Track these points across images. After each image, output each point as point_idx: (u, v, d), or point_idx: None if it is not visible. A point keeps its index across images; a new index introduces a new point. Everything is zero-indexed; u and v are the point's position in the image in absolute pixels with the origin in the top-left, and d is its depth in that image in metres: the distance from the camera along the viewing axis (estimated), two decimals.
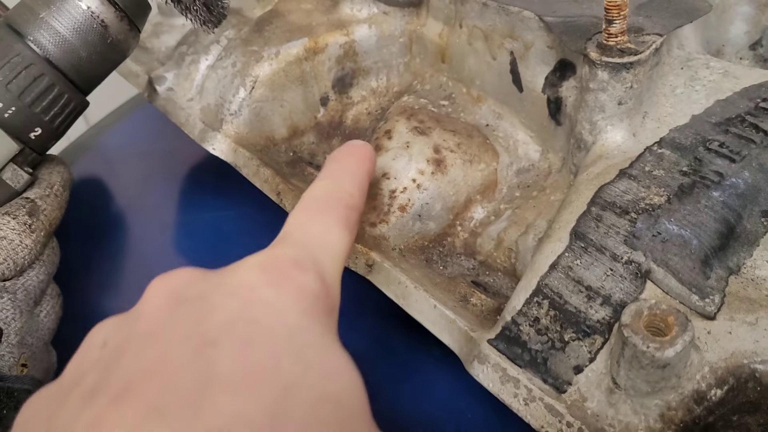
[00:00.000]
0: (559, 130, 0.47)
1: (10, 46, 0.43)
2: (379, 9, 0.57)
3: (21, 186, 0.45)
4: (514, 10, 0.46)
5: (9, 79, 0.42)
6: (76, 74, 0.45)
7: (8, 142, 0.43)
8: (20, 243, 0.43)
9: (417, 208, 0.47)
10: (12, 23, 0.44)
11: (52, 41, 0.43)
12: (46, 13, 0.43)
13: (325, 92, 0.58)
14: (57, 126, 0.45)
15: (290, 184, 0.50)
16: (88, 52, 0.45)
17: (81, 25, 0.44)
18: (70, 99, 0.45)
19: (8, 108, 0.42)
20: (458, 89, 0.54)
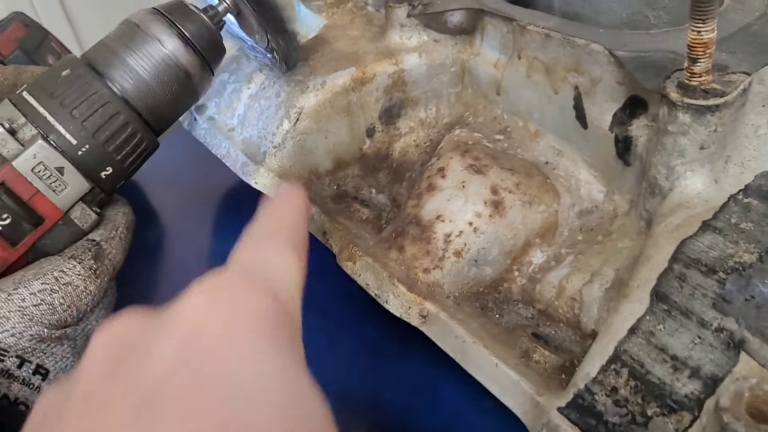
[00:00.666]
0: (627, 171, 0.44)
1: (89, 83, 0.42)
2: (430, 37, 0.54)
3: (88, 226, 0.44)
4: (581, 42, 0.43)
5: (86, 116, 0.41)
6: (150, 115, 0.45)
7: (80, 180, 0.42)
8: (84, 289, 0.41)
9: (473, 253, 0.44)
10: (92, 62, 0.43)
11: (130, 81, 0.43)
12: (126, 53, 0.43)
13: (372, 123, 0.55)
14: (127, 166, 0.44)
15: (337, 223, 0.47)
16: (164, 93, 0.44)
17: (160, 66, 0.44)
18: (142, 139, 0.44)
19: (83, 146, 0.42)
20: (514, 123, 0.51)
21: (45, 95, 0.42)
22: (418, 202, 0.46)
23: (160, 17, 0.45)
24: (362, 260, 0.43)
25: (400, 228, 0.45)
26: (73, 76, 0.42)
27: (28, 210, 0.41)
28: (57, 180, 0.41)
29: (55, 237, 0.43)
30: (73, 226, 0.43)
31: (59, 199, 0.42)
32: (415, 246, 0.44)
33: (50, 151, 0.41)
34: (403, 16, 0.53)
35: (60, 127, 0.41)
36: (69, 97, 0.42)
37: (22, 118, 0.41)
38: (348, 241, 0.45)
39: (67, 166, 0.41)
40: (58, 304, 0.40)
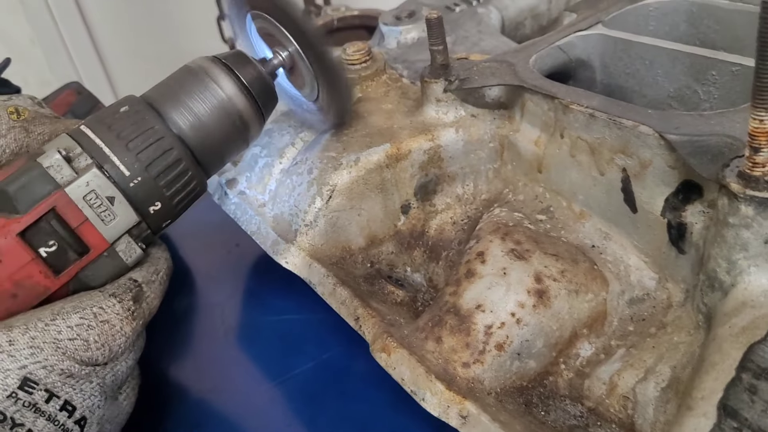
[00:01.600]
0: (681, 259, 0.41)
1: (146, 119, 0.43)
2: (467, 111, 0.52)
3: (132, 261, 0.44)
4: (629, 124, 0.40)
5: (140, 149, 0.42)
6: (202, 154, 0.45)
7: (129, 212, 0.42)
8: (120, 329, 0.41)
9: (516, 345, 0.41)
10: (150, 100, 0.44)
11: (186, 121, 0.44)
12: (184, 94, 0.45)
13: (407, 199, 0.53)
14: (176, 204, 0.45)
15: (370, 309, 0.45)
16: (219, 136, 0.46)
17: (216, 108, 0.45)
18: (192, 177, 0.45)
19: (135, 177, 0.42)
20: (557, 203, 0.48)
21: (102, 128, 0.42)
22: (456, 289, 0.43)
23: (219, 63, 0.46)
24: (397, 352, 0.41)
25: (438, 317, 0.43)
26: (132, 112, 0.43)
27: (76, 238, 0.41)
28: (107, 210, 0.41)
29: (98, 269, 0.42)
30: (118, 260, 0.43)
31: (107, 229, 0.42)
32: (454, 337, 0.41)
33: (103, 180, 0.41)
34: (440, 91, 0.52)
35: (114, 157, 0.41)
36: (125, 130, 0.42)
37: (78, 148, 0.41)
38: (382, 330, 0.43)
39: (118, 196, 0.42)
40: (93, 341, 0.39)
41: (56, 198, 0.40)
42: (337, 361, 0.54)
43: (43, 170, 0.40)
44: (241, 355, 0.57)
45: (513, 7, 0.70)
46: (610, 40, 0.53)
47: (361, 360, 0.52)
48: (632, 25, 0.56)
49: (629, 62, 0.53)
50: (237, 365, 0.56)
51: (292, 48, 0.49)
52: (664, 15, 0.57)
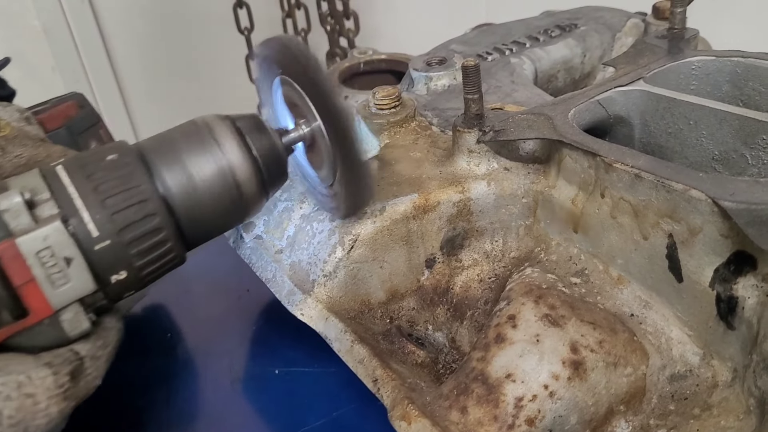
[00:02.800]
0: (730, 335, 0.38)
1: (133, 174, 0.38)
2: (500, 164, 0.50)
3: (75, 334, 0.37)
4: (679, 187, 0.38)
5: (118, 208, 0.37)
6: (188, 225, 0.40)
7: (86, 278, 0.36)
8: (45, 408, 0.34)
9: (548, 421, 0.37)
10: (144, 151, 0.40)
11: (178, 182, 0.39)
12: (183, 150, 0.40)
13: (432, 253, 0.50)
14: (144, 276, 0.39)
15: (389, 370, 0.42)
16: (211, 206, 0.40)
17: (215, 175, 0.40)
18: (171, 250, 0.39)
19: (103, 240, 0.36)
20: (593, 265, 0.45)
21: (80, 175, 0.37)
22: (484, 355, 0.40)
23: (229, 125, 0.41)
24: (419, 422, 0.38)
25: (464, 384, 0.39)
26: (119, 163, 0.38)
27: (14, 298, 0.35)
28: (60, 272, 0.35)
29: (33, 337, 0.36)
30: (59, 331, 0.37)
31: (55, 294, 0.36)
32: (481, 408, 0.38)
33: (65, 237, 0.35)
34: (473, 141, 0.49)
35: (85, 213, 0.36)
36: (107, 183, 0.37)
37: (47, 193, 0.36)
38: (403, 396, 0.39)
39: (77, 258, 0.36)
40: (7, 416, 0.33)
41: (4, 247, 0.34)
42: (348, 420, 0.51)
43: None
44: (247, 408, 0.54)
45: (547, 59, 0.68)
46: (652, 96, 0.50)
47: (373, 420, 0.49)
48: (673, 82, 0.54)
49: (672, 121, 0.50)
50: (242, 418, 0.53)
51: (316, 124, 0.43)
52: (707, 75, 0.55)
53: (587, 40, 0.72)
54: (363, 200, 0.46)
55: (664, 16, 0.67)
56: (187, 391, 0.57)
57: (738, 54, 0.53)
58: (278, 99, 0.47)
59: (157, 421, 0.53)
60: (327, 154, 0.44)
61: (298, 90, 0.43)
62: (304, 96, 0.43)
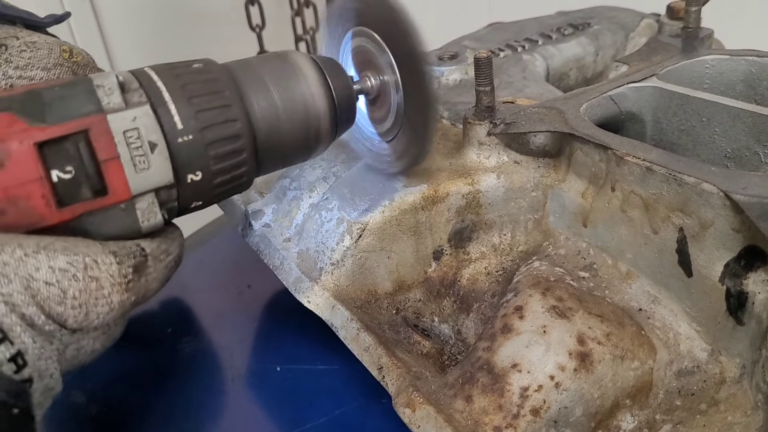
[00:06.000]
0: (739, 331, 0.38)
1: (219, 80, 0.38)
2: (510, 157, 0.50)
3: (147, 227, 0.37)
4: (690, 181, 0.38)
5: (202, 107, 0.37)
6: (263, 146, 0.40)
7: (167, 168, 0.36)
8: (107, 295, 0.34)
9: (553, 412, 0.37)
10: (230, 69, 0.40)
11: (261, 104, 0.40)
12: (269, 77, 0.41)
13: (440, 245, 0.50)
14: (215, 184, 0.39)
15: (395, 358, 0.42)
16: (289, 133, 0.41)
17: (297, 103, 0.41)
18: (244, 162, 0.39)
19: (186, 134, 0.36)
20: (602, 260, 0.45)
21: (169, 74, 0.37)
22: (491, 344, 0.40)
23: (312, 62, 0.42)
24: (423, 409, 0.37)
25: (469, 373, 0.39)
26: (205, 71, 0.39)
27: (98, 174, 0.34)
28: (144, 156, 0.35)
29: (107, 220, 0.36)
30: (132, 218, 0.36)
31: (136, 177, 0.35)
32: (486, 397, 0.38)
33: (152, 121, 0.35)
34: (483, 133, 0.49)
35: (172, 105, 0.36)
36: (193, 84, 0.37)
37: (137, 83, 0.36)
38: (407, 383, 0.39)
39: (161, 145, 0.36)
40: (72, 296, 0.32)
41: (94, 121, 0.34)
42: (351, 418, 0.50)
43: (91, 87, 0.35)
44: (248, 405, 0.54)
45: (559, 56, 0.68)
46: (665, 93, 0.50)
47: (377, 418, 0.49)
48: (687, 80, 0.54)
49: (684, 118, 0.50)
50: (244, 415, 0.53)
51: (389, 77, 0.44)
52: (721, 73, 0.54)
53: (600, 39, 0.72)
54: (423, 156, 0.47)
55: (679, 15, 0.66)
56: (189, 388, 0.57)
57: (753, 53, 0.52)
58: (346, 50, 0.48)
59: (158, 417, 0.53)
60: (392, 108, 0.45)
61: (376, 44, 0.44)
62: (383, 49, 0.44)
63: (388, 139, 0.48)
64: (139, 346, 0.62)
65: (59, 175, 0.33)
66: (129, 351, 0.61)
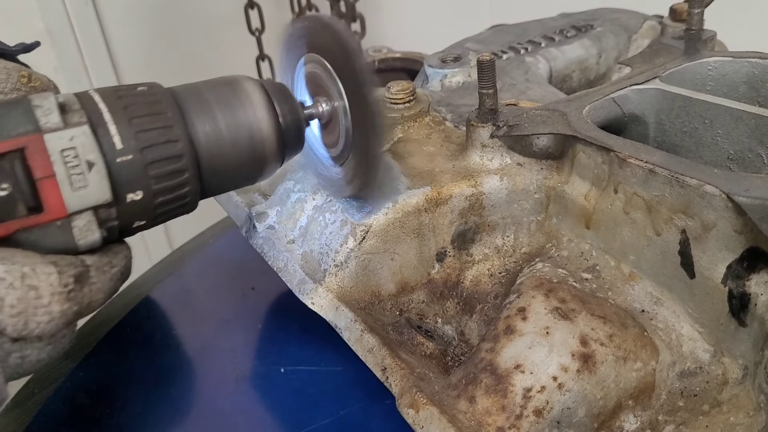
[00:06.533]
0: (741, 333, 0.38)
1: (162, 102, 0.39)
2: (513, 159, 0.50)
3: (84, 244, 0.37)
4: (693, 182, 0.38)
5: (143, 128, 0.38)
6: (206, 169, 0.41)
7: (104, 187, 0.36)
8: (47, 305, 0.34)
9: (556, 413, 0.37)
10: (174, 92, 0.41)
11: (205, 127, 0.40)
12: (214, 101, 0.41)
13: (443, 247, 0.50)
14: (157, 205, 0.39)
15: (399, 359, 0.42)
16: (232, 158, 0.41)
17: (241, 128, 0.41)
18: (187, 182, 0.40)
19: (126, 154, 0.37)
20: (605, 261, 0.45)
21: (111, 95, 0.38)
22: (494, 346, 0.40)
23: (259, 86, 0.43)
24: (426, 409, 0.38)
25: (472, 374, 0.40)
26: (149, 93, 0.39)
27: (33, 192, 0.35)
28: (81, 174, 0.36)
29: (42, 237, 0.36)
30: (68, 236, 0.36)
31: (72, 196, 0.36)
32: (489, 398, 0.38)
33: (90, 141, 0.36)
34: (486, 136, 0.49)
35: (112, 126, 0.37)
36: (135, 105, 0.38)
37: (78, 105, 0.37)
38: (411, 384, 0.39)
39: (98, 164, 0.36)
40: (9, 304, 0.33)
41: (30, 140, 0.34)
42: (355, 419, 0.50)
43: (29, 107, 0.35)
44: (252, 406, 0.54)
45: (562, 58, 0.68)
46: (668, 95, 0.50)
47: (381, 418, 0.49)
48: (690, 83, 0.54)
49: (687, 120, 0.50)
50: (248, 417, 0.53)
51: (338, 104, 0.45)
52: (724, 75, 0.54)
53: (603, 41, 0.72)
54: (372, 183, 0.46)
55: (681, 18, 0.66)
56: (192, 390, 0.57)
57: (756, 55, 0.53)
58: (300, 76, 0.48)
59: (161, 419, 0.53)
60: (342, 133, 0.45)
61: (326, 70, 0.44)
62: (332, 75, 0.44)
63: (339, 164, 0.47)
64: (143, 347, 0.62)
65: None
66: (133, 353, 0.61)
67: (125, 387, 0.56)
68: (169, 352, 0.61)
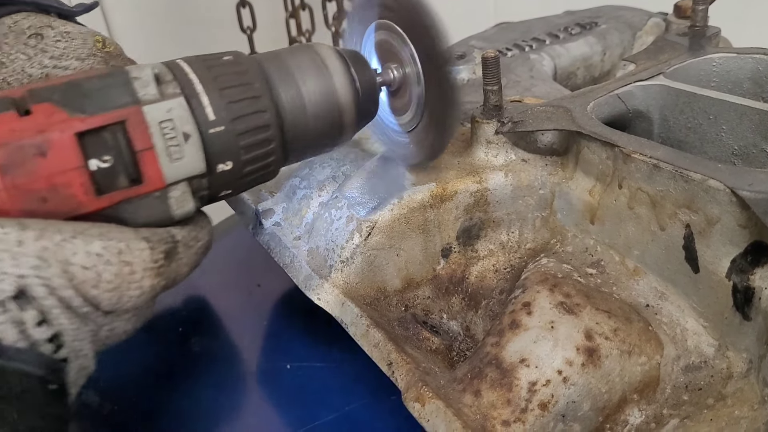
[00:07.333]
0: (746, 326, 0.38)
1: (249, 72, 0.40)
2: (518, 156, 0.50)
3: (179, 214, 0.38)
4: (697, 177, 0.38)
5: (234, 99, 0.38)
6: (291, 136, 0.42)
7: (200, 158, 0.37)
8: (139, 279, 0.35)
9: (561, 406, 0.38)
10: (259, 60, 0.41)
11: (288, 95, 0.41)
12: (296, 70, 0.42)
13: (448, 243, 0.51)
14: (245, 173, 0.40)
15: (404, 354, 0.42)
16: (314, 124, 0.42)
17: (322, 95, 0.42)
18: (273, 151, 0.41)
19: (218, 125, 0.38)
20: (609, 257, 0.46)
21: (201, 66, 0.39)
22: (499, 340, 0.40)
23: (338, 54, 0.44)
24: (432, 403, 0.38)
25: (478, 368, 0.40)
26: (235, 63, 0.40)
27: (134, 163, 0.36)
28: (178, 146, 0.36)
29: (141, 207, 0.37)
30: (165, 206, 0.37)
31: (170, 167, 0.37)
32: (494, 392, 0.38)
33: (186, 113, 0.37)
34: (491, 132, 0.50)
35: (204, 97, 0.37)
36: (224, 76, 0.39)
37: (170, 75, 0.37)
38: (417, 378, 0.40)
39: (194, 136, 0.37)
40: (106, 279, 0.34)
41: (131, 112, 0.35)
42: (360, 415, 0.51)
43: (128, 79, 0.36)
44: (258, 402, 0.54)
45: (566, 55, 0.69)
46: (672, 91, 0.50)
47: (386, 414, 0.49)
48: (694, 79, 0.54)
49: (691, 116, 0.50)
50: (254, 413, 0.53)
51: (410, 70, 0.45)
52: (728, 71, 0.55)
53: (607, 38, 0.72)
54: (441, 149, 0.48)
55: (686, 14, 0.67)
56: (199, 386, 0.57)
57: (760, 51, 0.53)
58: (369, 44, 0.49)
59: (169, 415, 0.53)
60: (415, 99, 0.46)
61: (398, 37, 0.45)
62: (405, 41, 0.45)
63: (408, 131, 0.49)
64: (150, 345, 0.62)
65: (98, 164, 0.34)
66: (140, 350, 0.62)
67: (133, 384, 0.57)
68: (176, 349, 0.61)
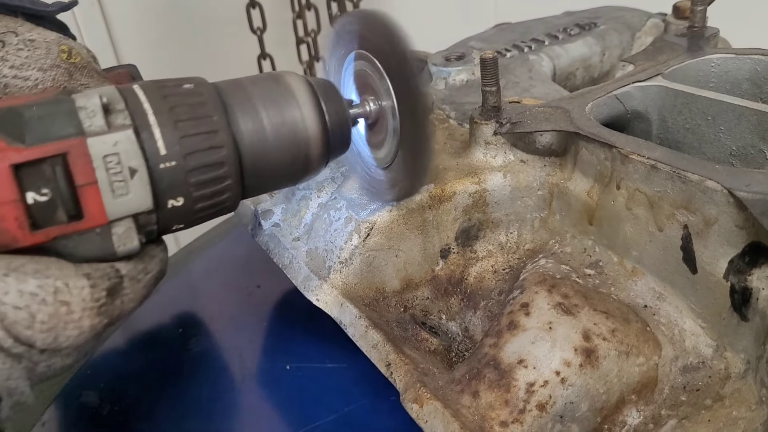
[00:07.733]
0: (743, 327, 0.38)
1: (207, 104, 0.37)
2: (516, 156, 0.50)
3: (122, 251, 0.36)
4: (694, 178, 0.38)
5: (188, 133, 0.36)
6: (249, 171, 0.39)
7: (146, 194, 0.35)
8: (78, 320, 0.33)
9: (559, 407, 0.38)
10: (220, 90, 0.39)
11: (249, 126, 0.39)
12: (259, 99, 0.39)
13: (447, 243, 0.51)
14: (197, 210, 0.38)
15: (403, 355, 0.42)
16: (276, 158, 0.40)
17: (286, 127, 0.40)
18: (227, 189, 0.38)
19: (169, 160, 0.36)
20: (607, 257, 0.46)
21: (156, 94, 0.37)
22: (497, 341, 0.40)
23: (306, 84, 0.41)
24: (430, 404, 0.38)
25: (476, 369, 0.40)
26: (195, 92, 0.38)
27: (74, 198, 0.34)
28: (123, 182, 0.34)
29: (81, 244, 0.35)
30: (108, 243, 0.35)
31: (113, 203, 0.34)
32: (492, 393, 0.38)
33: (134, 147, 0.34)
34: (489, 133, 0.50)
35: (156, 129, 0.35)
36: (181, 107, 0.37)
37: (122, 104, 0.35)
38: (415, 379, 0.40)
39: (141, 171, 0.35)
40: (40, 320, 0.32)
41: (73, 144, 0.33)
42: (359, 416, 0.51)
43: (72, 108, 0.34)
44: (258, 403, 0.54)
45: (565, 56, 0.69)
46: (670, 92, 0.51)
47: (385, 415, 0.49)
48: (692, 79, 0.54)
49: (690, 117, 0.50)
50: (253, 414, 0.53)
51: (387, 103, 0.43)
52: (726, 72, 0.55)
53: (606, 38, 0.72)
54: (415, 188, 0.46)
55: (685, 15, 0.67)
56: (199, 387, 0.57)
57: (758, 52, 0.53)
58: (347, 73, 0.47)
59: (169, 416, 0.53)
60: (390, 134, 0.44)
61: (375, 68, 0.43)
62: (381, 74, 0.43)
63: (384, 166, 0.47)
64: (150, 346, 0.62)
65: (35, 197, 0.33)
66: (140, 351, 0.62)
67: (132, 385, 0.57)
68: (176, 351, 0.61)
